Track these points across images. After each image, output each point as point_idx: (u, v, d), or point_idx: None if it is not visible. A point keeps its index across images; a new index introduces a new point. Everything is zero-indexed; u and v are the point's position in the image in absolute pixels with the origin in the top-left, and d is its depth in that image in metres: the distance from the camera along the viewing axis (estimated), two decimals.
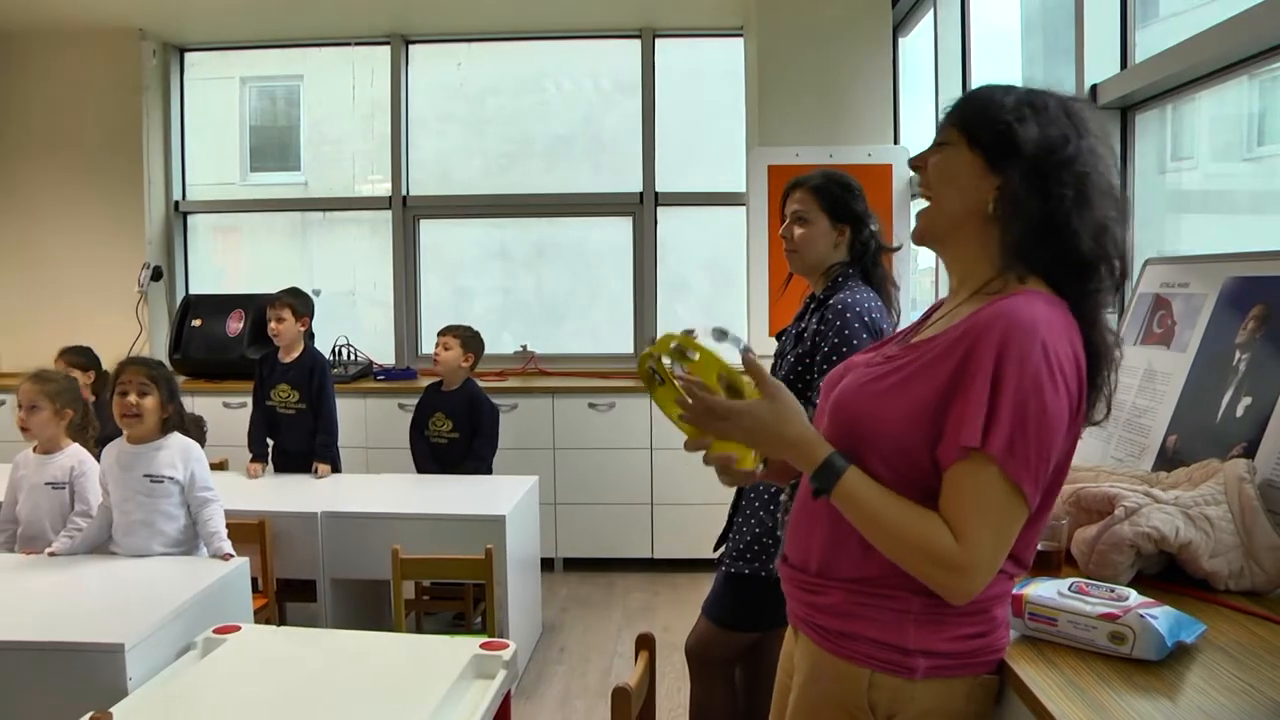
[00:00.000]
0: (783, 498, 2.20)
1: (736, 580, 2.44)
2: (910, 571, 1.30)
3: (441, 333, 4.33)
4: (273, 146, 6.42)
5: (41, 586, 2.75)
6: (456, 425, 4.24)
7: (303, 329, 4.19)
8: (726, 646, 2.53)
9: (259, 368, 4.29)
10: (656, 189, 5.67)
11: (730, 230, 5.50)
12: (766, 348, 4.09)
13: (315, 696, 2.14)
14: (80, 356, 4.21)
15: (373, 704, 2.09)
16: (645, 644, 1.96)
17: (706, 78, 5.77)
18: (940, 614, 1.34)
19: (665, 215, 5.72)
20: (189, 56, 6.03)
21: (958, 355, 1.31)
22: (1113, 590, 1.46)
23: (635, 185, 5.68)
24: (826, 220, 2.44)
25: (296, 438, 4.18)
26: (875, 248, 2.49)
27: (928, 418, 1.32)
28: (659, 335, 1.48)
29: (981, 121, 1.39)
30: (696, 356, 1.44)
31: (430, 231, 5.90)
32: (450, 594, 4.14)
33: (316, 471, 4.07)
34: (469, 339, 4.29)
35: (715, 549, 2.57)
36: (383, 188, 5.87)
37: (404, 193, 5.81)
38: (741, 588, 2.43)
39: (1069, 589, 1.47)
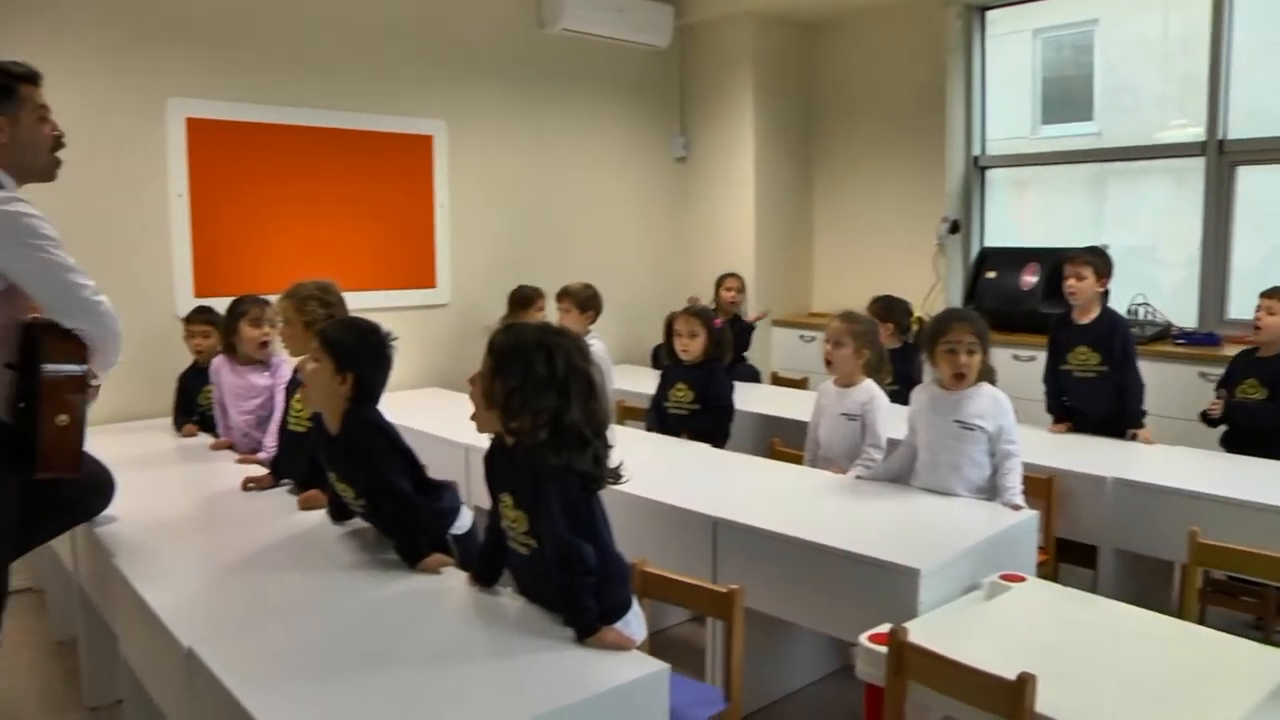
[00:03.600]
0: None
1: None
2: None
3: (1265, 295, 3.87)
4: (1064, 97, 6.33)
5: (850, 505, 3.09)
6: (1273, 394, 3.79)
7: (1100, 290, 4.03)
8: None
9: (1053, 330, 4.21)
10: None
11: None
12: None
13: (1092, 668, 2.06)
14: (886, 306, 4.60)
15: (1183, 693, 1.95)
16: None
17: None
18: None
19: None
20: (989, 15, 6.15)
21: None
22: None
23: None
24: None
25: (1094, 401, 4.03)
26: None
27: None
28: None
29: None
30: None
31: (1246, 180, 5.19)
32: (1235, 591, 3.64)
33: (1135, 438, 3.92)
34: None
35: None
36: (1190, 132, 5.34)
37: (1220, 136, 5.20)
38: None
39: None
